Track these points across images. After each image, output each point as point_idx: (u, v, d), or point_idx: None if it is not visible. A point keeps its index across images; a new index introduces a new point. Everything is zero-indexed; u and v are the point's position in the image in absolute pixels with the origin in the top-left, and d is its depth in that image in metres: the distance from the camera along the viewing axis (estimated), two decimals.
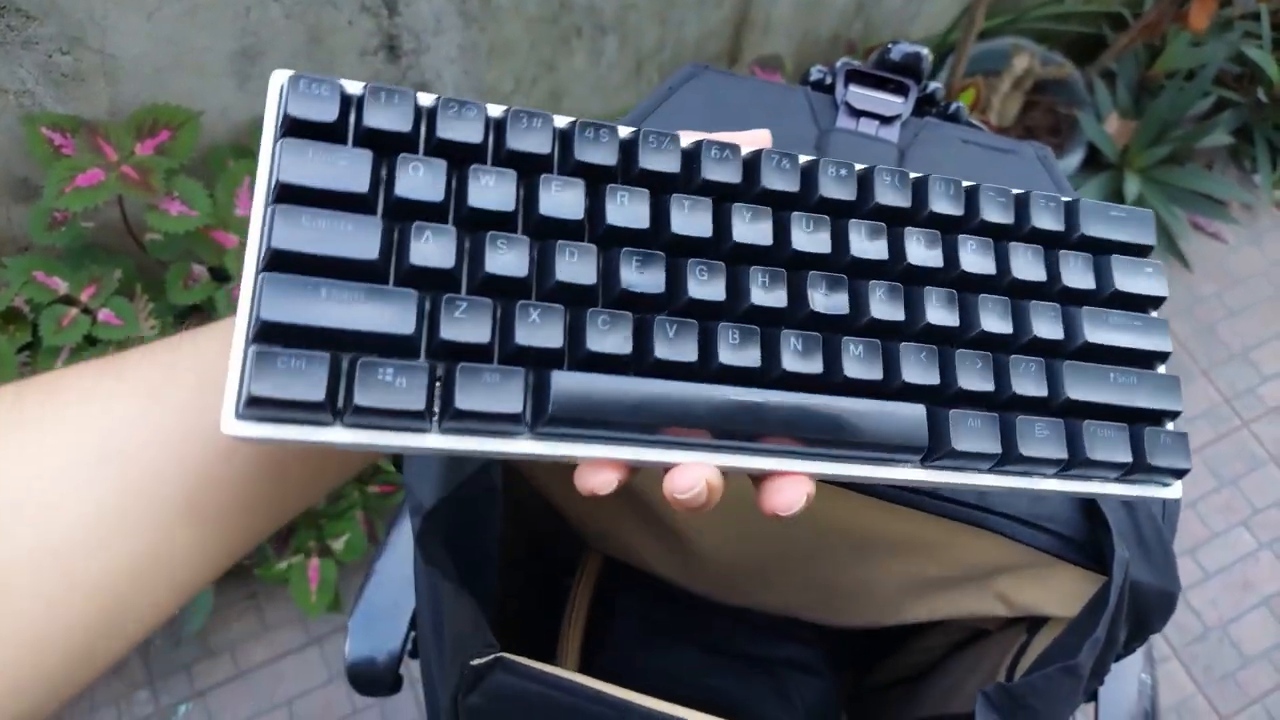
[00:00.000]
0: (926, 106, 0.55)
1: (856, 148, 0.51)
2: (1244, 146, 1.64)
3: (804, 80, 0.55)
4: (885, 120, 0.52)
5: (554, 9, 1.04)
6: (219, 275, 0.94)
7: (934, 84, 0.54)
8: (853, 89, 0.52)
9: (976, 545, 0.49)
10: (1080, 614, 0.45)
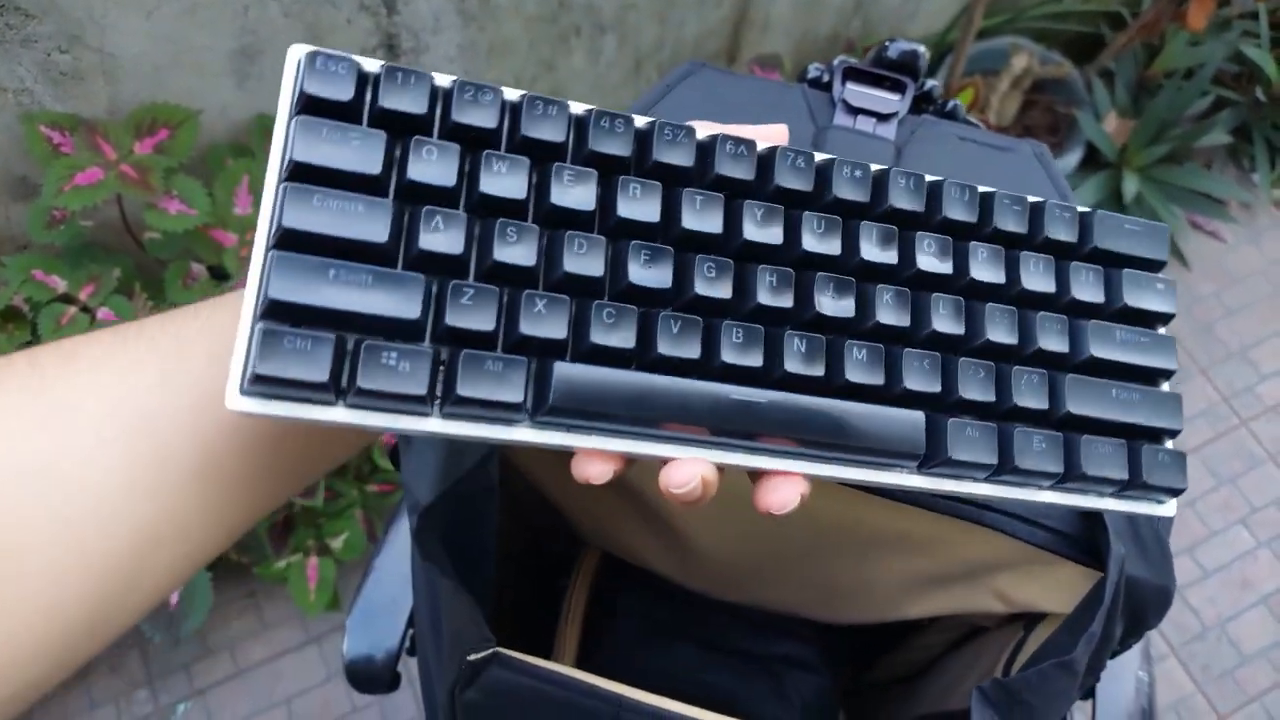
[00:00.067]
0: (923, 104, 0.55)
1: (853, 145, 0.51)
2: (1242, 145, 1.65)
3: (801, 78, 0.55)
4: (882, 118, 0.52)
5: (553, 8, 1.04)
6: (218, 274, 0.94)
7: (931, 81, 0.54)
8: (850, 86, 0.52)
9: (974, 542, 0.50)
10: (1076, 610, 0.45)
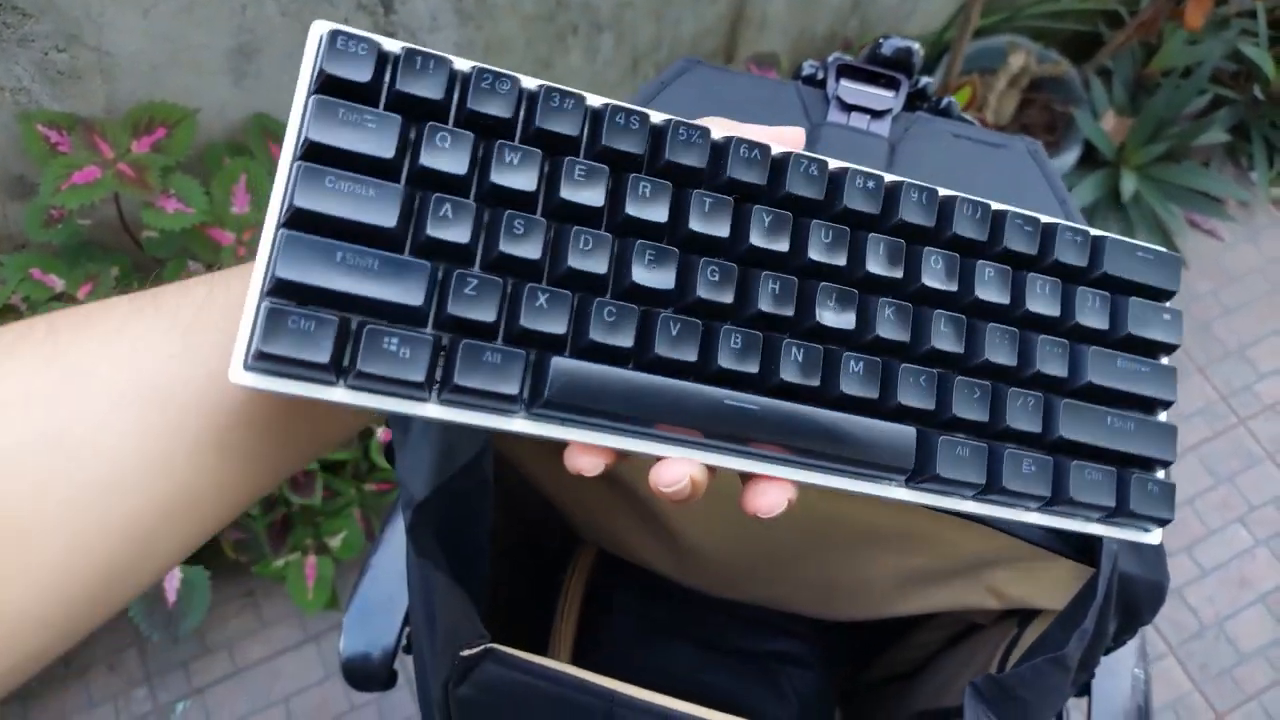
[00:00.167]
0: (918, 101, 0.55)
1: (847, 142, 0.51)
2: (1240, 144, 1.65)
3: (796, 75, 0.55)
4: (876, 114, 0.52)
5: (550, 7, 1.04)
6: None
7: (925, 78, 0.54)
8: (844, 84, 0.52)
9: (967, 537, 0.50)
10: (1069, 606, 0.45)
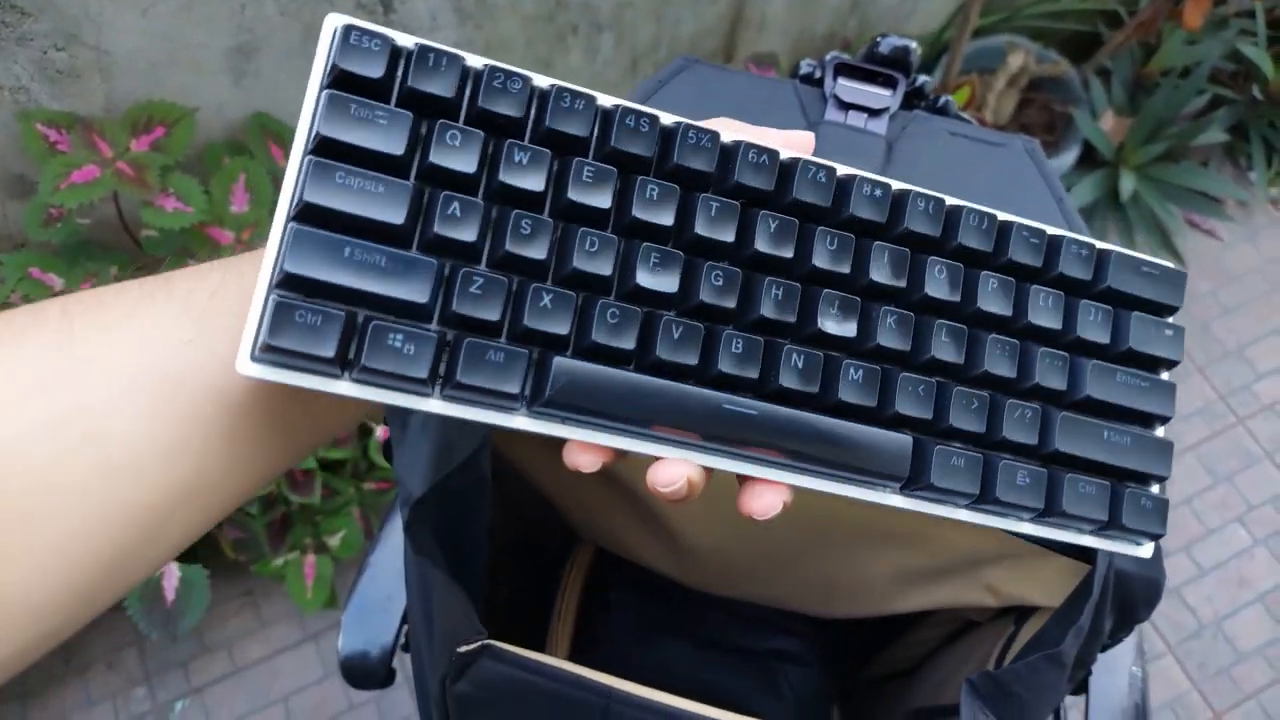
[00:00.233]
0: (915, 100, 0.55)
1: (845, 141, 0.51)
2: (1239, 144, 1.65)
3: (794, 74, 0.55)
4: (874, 113, 0.52)
5: (550, 7, 1.04)
6: None
7: (923, 77, 0.54)
8: (841, 82, 0.53)
9: (964, 535, 0.50)
10: (1065, 603, 0.45)
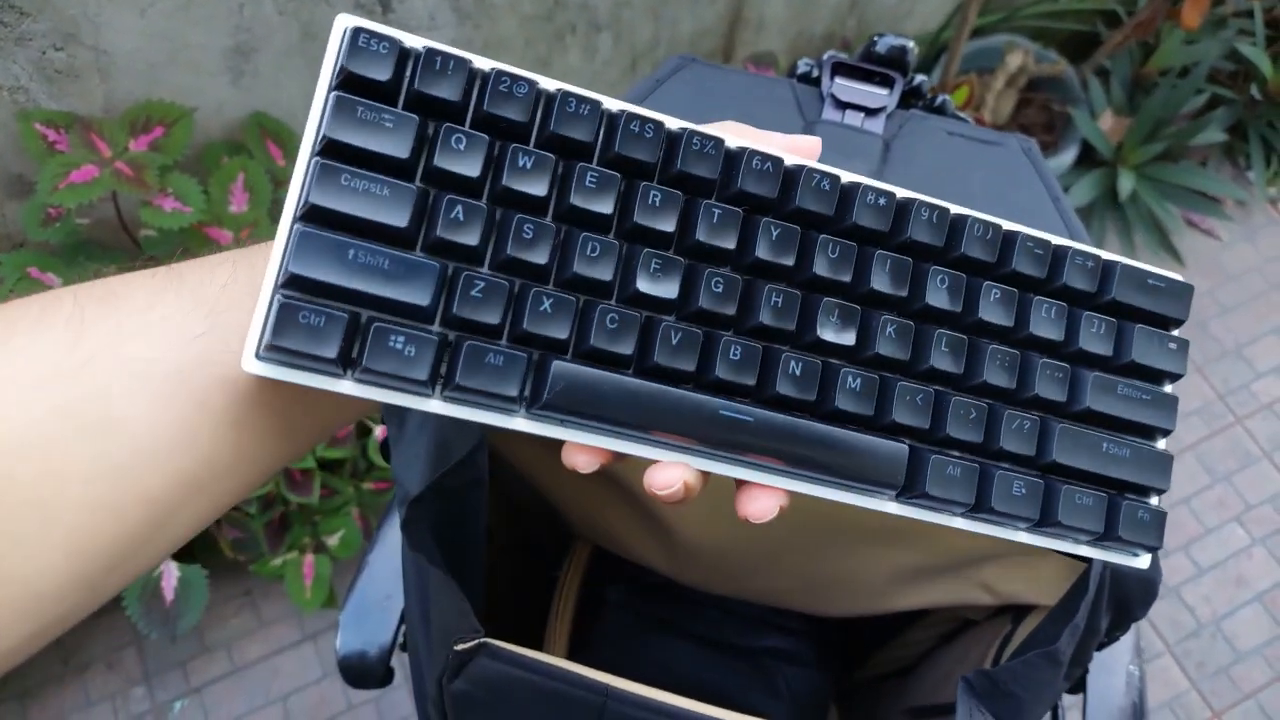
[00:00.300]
0: (912, 99, 0.55)
1: (842, 140, 0.51)
2: (1238, 143, 1.65)
3: (791, 73, 0.55)
4: (870, 112, 0.52)
5: (548, 6, 1.05)
6: None
7: (920, 76, 0.54)
8: (838, 81, 0.53)
9: (961, 534, 0.50)
10: (1061, 601, 0.45)
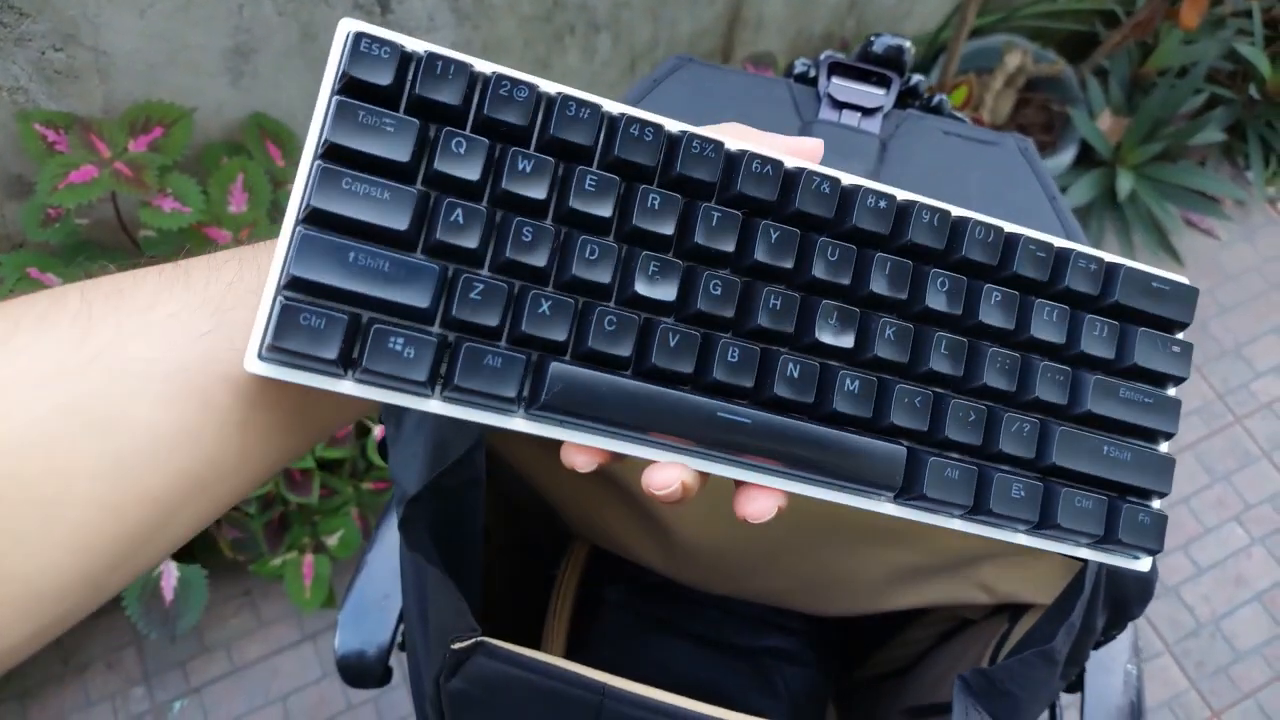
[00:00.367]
0: (909, 99, 0.55)
1: (839, 140, 0.51)
2: (1237, 143, 1.65)
3: (788, 73, 0.55)
4: (867, 112, 0.52)
5: (547, 7, 1.05)
6: None
7: (917, 76, 0.54)
8: (835, 81, 0.53)
9: (957, 532, 0.50)
10: (1057, 600, 0.45)
